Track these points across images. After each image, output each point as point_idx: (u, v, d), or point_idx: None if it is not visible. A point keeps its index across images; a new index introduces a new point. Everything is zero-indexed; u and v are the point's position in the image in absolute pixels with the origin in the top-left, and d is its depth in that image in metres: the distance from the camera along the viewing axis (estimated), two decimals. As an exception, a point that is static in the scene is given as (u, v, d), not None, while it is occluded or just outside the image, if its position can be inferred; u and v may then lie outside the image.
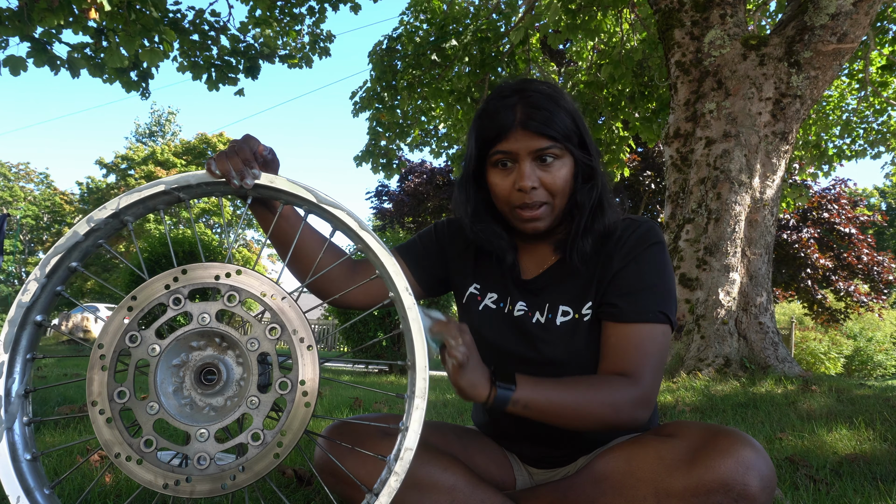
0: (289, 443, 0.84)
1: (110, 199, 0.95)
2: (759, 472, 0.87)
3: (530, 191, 1.04)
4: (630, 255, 1.06)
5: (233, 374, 0.89)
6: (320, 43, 7.89)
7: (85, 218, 0.94)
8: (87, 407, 0.86)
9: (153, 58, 5.32)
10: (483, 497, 1.01)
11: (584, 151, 1.08)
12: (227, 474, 0.84)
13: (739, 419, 2.77)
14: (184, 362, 0.90)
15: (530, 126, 1.02)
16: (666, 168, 4.79)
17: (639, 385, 0.99)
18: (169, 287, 0.89)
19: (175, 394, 0.88)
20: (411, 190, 18.03)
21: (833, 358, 11.43)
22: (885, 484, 1.68)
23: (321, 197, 0.94)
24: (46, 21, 4.71)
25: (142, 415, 0.86)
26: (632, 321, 1.03)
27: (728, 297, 4.15)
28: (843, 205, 14.55)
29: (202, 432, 0.85)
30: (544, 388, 0.94)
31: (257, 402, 0.86)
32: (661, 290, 1.05)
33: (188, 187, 0.95)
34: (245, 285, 0.90)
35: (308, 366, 0.87)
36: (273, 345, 0.89)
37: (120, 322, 0.88)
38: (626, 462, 0.96)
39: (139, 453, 0.84)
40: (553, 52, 11.67)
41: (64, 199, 28.68)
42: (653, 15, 5.54)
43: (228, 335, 0.89)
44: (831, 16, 4.15)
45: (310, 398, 0.86)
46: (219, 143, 25.59)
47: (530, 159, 1.04)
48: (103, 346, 0.87)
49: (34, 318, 0.93)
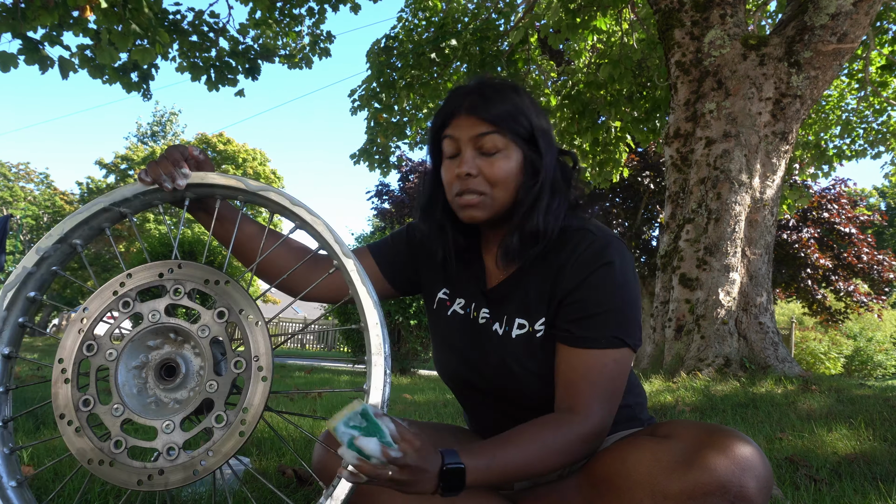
0: (251, 419, 0.86)
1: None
2: (756, 473, 0.86)
3: (466, 177, 1.02)
4: (582, 273, 1.01)
5: (192, 366, 0.91)
6: (320, 43, 7.89)
7: (33, 248, 0.97)
8: (56, 421, 0.88)
9: (145, 56, 5.32)
10: (480, 500, 1.00)
11: (533, 148, 1.05)
12: (197, 460, 0.85)
13: (739, 419, 2.76)
14: (144, 363, 0.92)
15: (473, 111, 1.02)
16: (666, 168, 4.79)
17: (587, 421, 0.96)
18: (117, 293, 0.92)
19: (140, 394, 0.90)
20: (412, 190, 18.01)
21: (833, 358, 11.43)
22: (885, 484, 1.68)
23: (251, 185, 0.97)
24: (41, 19, 4.70)
25: (108, 418, 0.87)
26: (580, 346, 1.00)
27: (728, 297, 4.15)
28: (843, 205, 14.54)
29: (168, 424, 0.86)
30: (495, 468, 0.90)
31: (216, 386, 0.87)
32: (615, 314, 1.00)
33: (126, 201, 0.98)
34: (188, 277, 0.92)
35: (260, 342, 0.88)
36: (223, 328, 0.90)
37: (76, 335, 0.91)
38: (623, 463, 0.96)
39: (110, 455, 0.86)
40: (553, 52, 11.66)
41: (64, 200, 28.68)
42: (653, 15, 5.54)
43: (179, 327, 0.91)
44: (831, 16, 4.15)
45: (265, 372, 0.87)
46: (218, 143, 25.57)
47: (472, 147, 1.03)
48: (63, 361, 0.90)
49: (1, 351, 0.96)
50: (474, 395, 1.17)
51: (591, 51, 8.74)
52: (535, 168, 1.05)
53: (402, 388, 4.87)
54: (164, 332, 0.92)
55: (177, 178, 0.95)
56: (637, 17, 7.49)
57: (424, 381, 5.73)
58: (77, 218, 0.97)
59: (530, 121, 1.04)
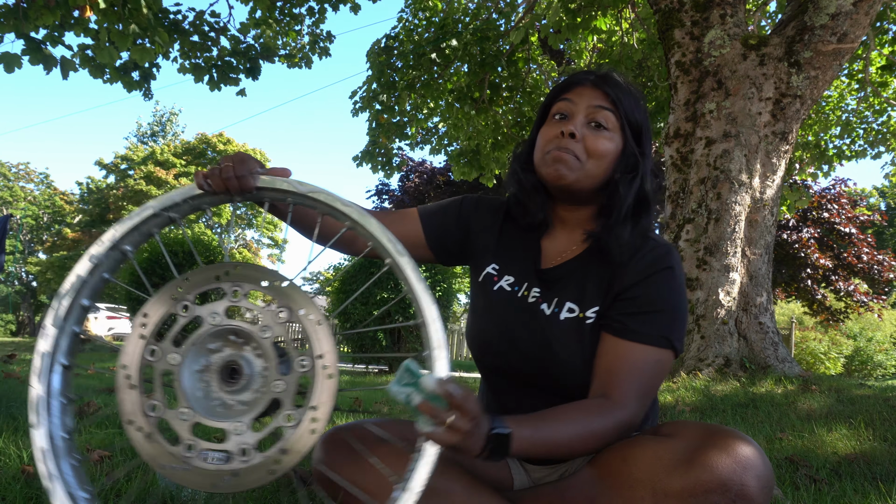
0: (323, 417, 0.85)
1: (105, 230, 0.98)
2: (756, 472, 0.87)
3: (569, 137, 1.05)
4: (644, 273, 1.05)
5: (255, 368, 0.90)
6: (320, 43, 7.89)
7: (85, 255, 0.96)
8: (124, 426, 0.88)
9: (144, 56, 5.32)
10: (480, 501, 1.00)
11: (638, 145, 1.10)
12: (270, 461, 0.85)
13: (739, 419, 2.77)
14: (206, 366, 0.91)
15: (600, 86, 1.08)
16: (666, 168, 4.79)
17: (623, 411, 0.98)
18: (175, 297, 0.92)
19: (206, 398, 0.90)
20: (412, 189, 18.03)
21: (833, 358, 11.42)
22: (885, 484, 1.68)
23: (300, 188, 0.97)
24: (43, 19, 4.71)
25: (176, 423, 0.87)
26: (630, 339, 1.02)
27: (728, 297, 4.16)
28: (843, 204, 14.55)
29: (237, 426, 0.86)
30: (538, 439, 0.92)
31: (283, 385, 0.87)
32: (667, 315, 1.04)
33: (176, 205, 0.98)
34: (245, 278, 0.92)
35: (323, 340, 0.88)
36: (284, 328, 0.90)
37: (137, 339, 0.90)
38: (624, 462, 0.96)
39: (183, 460, 0.86)
40: (553, 52, 11.66)
41: (64, 200, 28.68)
42: (653, 15, 5.54)
43: (240, 329, 0.91)
44: (831, 16, 4.15)
45: (331, 370, 0.87)
46: (218, 142, 25.56)
47: (585, 115, 1.07)
48: (127, 367, 0.89)
49: (60, 362, 0.95)
50: (504, 373, 1.17)
51: (591, 51, 8.75)
52: (629, 161, 1.09)
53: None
54: (224, 335, 0.92)
55: (248, 184, 0.95)
56: (637, 16, 7.49)
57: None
58: (128, 224, 0.96)
59: (641, 121, 1.10)
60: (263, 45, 6.90)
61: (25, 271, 30.07)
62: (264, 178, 0.97)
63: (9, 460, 1.66)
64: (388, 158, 8.66)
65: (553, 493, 1.03)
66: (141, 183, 23.84)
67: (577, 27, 6.98)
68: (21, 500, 1.33)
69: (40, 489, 1.42)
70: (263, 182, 0.97)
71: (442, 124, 8.97)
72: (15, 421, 2.21)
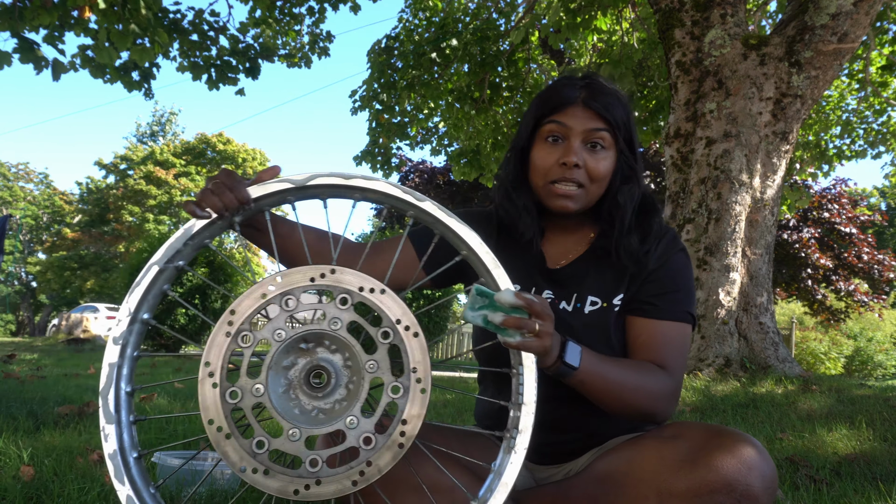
0: (410, 431, 0.84)
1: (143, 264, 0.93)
2: (761, 473, 0.87)
3: (573, 167, 1.07)
4: (663, 257, 1.13)
5: (336, 364, 0.89)
6: (320, 43, 7.89)
7: (110, 343, 0.92)
8: (204, 426, 0.85)
9: (144, 56, 5.31)
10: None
11: (630, 151, 1.13)
12: (355, 472, 0.83)
13: (740, 419, 2.76)
14: (289, 384, 0.90)
15: (592, 105, 1.08)
16: (666, 168, 4.79)
17: (673, 378, 1.05)
18: (265, 295, 0.88)
19: (302, 413, 0.88)
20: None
21: (833, 358, 11.41)
22: (885, 484, 1.68)
23: (296, 179, 0.94)
24: (40, 19, 4.70)
25: (288, 446, 0.85)
26: (667, 319, 1.09)
27: (728, 297, 4.15)
28: (844, 204, 14.54)
29: (350, 420, 0.85)
30: (602, 368, 0.97)
31: (375, 365, 0.86)
32: (686, 294, 1.12)
33: (178, 253, 0.94)
34: (340, 282, 0.88)
35: (416, 352, 0.86)
36: (351, 311, 0.87)
37: (223, 337, 0.87)
38: (628, 462, 0.96)
39: (265, 464, 0.84)
40: (554, 52, 11.66)
41: (63, 200, 28.66)
42: (653, 15, 5.54)
43: (309, 332, 0.88)
44: (832, 16, 4.15)
45: (424, 384, 0.85)
46: (218, 143, 25.56)
47: (581, 139, 1.09)
48: (210, 364, 0.86)
49: (131, 355, 0.94)
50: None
51: (591, 50, 8.75)
52: (626, 170, 1.12)
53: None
54: (293, 348, 0.90)
55: (243, 194, 0.92)
56: (637, 16, 7.49)
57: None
58: (139, 292, 0.93)
59: (630, 126, 1.12)
60: (263, 45, 6.90)
61: (25, 271, 30.08)
62: (255, 187, 0.94)
63: (9, 460, 1.65)
64: (387, 158, 8.67)
65: (557, 492, 1.03)
66: (141, 183, 23.83)
67: (577, 27, 6.98)
68: (21, 500, 1.33)
69: (40, 489, 1.42)
70: (257, 190, 0.94)
71: (442, 124, 8.97)
72: (15, 421, 2.21)
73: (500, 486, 0.82)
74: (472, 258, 0.92)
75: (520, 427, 0.85)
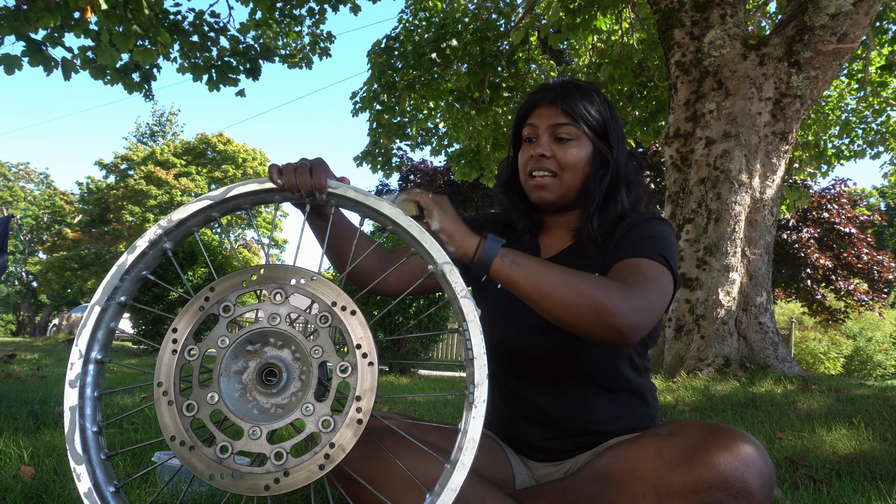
0: (366, 406, 0.85)
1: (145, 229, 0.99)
2: (758, 470, 0.87)
3: (540, 158, 1.15)
4: (630, 224, 1.14)
5: (293, 371, 0.91)
6: (320, 43, 7.89)
7: (146, 236, 0.96)
8: (168, 444, 0.87)
9: (146, 57, 5.31)
10: (484, 495, 1.01)
11: (605, 143, 1.17)
12: (320, 456, 0.85)
13: (739, 419, 2.77)
14: (243, 368, 0.92)
15: (556, 102, 1.16)
16: (666, 168, 4.79)
17: (635, 291, 0.95)
18: (203, 309, 0.93)
19: (261, 413, 0.90)
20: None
21: (833, 358, 11.41)
22: (885, 484, 1.68)
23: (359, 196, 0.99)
24: (44, 21, 4.70)
25: (251, 445, 0.87)
26: (630, 256, 1.05)
27: (728, 297, 4.16)
28: (843, 204, 14.54)
29: (306, 406, 0.87)
30: (533, 260, 0.94)
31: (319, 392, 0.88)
32: (662, 243, 1.07)
33: (241, 196, 0.99)
34: (272, 280, 0.92)
35: (358, 329, 0.88)
36: (330, 343, 0.90)
37: (170, 355, 0.90)
38: (626, 460, 0.96)
39: (230, 468, 0.86)
40: (553, 52, 11.67)
41: (64, 200, 28.65)
42: (653, 15, 5.54)
43: (294, 338, 0.91)
44: (831, 16, 4.15)
45: (370, 357, 0.87)
46: (218, 143, 25.55)
47: (549, 134, 1.16)
48: (162, 384, 0.89)
49: (92, 395, 0.97)
50: (518, 364, 1.19)
51: (591, 50, 8.75)
52: (603, 161, 1.17)
53: (402, 388, 4.88)
54: (243, 353, 0.92)
55: (317, 186, 0.97)
56: (637, 16, 7.49)
57: (424, 381, 5.73)
58: (85, 333, 0.97)
59: (604, 117, 1.17)
60: (263, 46, 6.90)
61: (25, 271, 30.07)
62: (178, 211, 0.98)
63: (9, 460, 1.66)
64: (388, 159, 8.67)
65: (555, 491, 1.03)
66: (141, 183, 23.82)
67: (577, 27, 6.98)
68: (21, 499, 1.33)
69: (41, 489, 1.42)
70: (180, 213, 0.98)
71: (442, 125, 8.97)
72: (15, 421, 2.21)
73: (468, 442, 0.83)
74: (399, 230, 0.94)
75: (475, 381, 0.85)
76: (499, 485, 1.14)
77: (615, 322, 0.90)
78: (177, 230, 0.99)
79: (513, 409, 1.21)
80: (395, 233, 0.96)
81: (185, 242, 8.23)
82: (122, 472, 1.61)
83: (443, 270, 0.89)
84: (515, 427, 1.21)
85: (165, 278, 7.71)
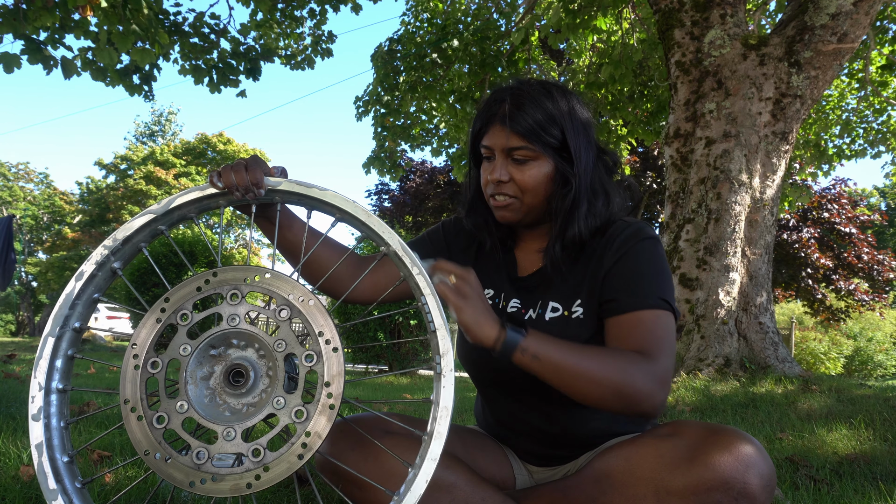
0: (336, 391, 0.85)
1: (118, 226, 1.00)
2: (759, 471, 0.87)
3: (498, 183, 1.09)
4: (620, 250, 1.07)
5: (260, 370, 0.91)
6: (322, 44, 7.89)
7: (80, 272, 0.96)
8: (143, 458, 0.88)
9: (144, 57, 5.31)
10: (484, 495, 1.01)
11: (565, 158, 1.08)
12: (297, 446, 0.85)
13: (739, 419, 2.77)
14: (209, 373, 0.92)
15: (508, 124, 1.06)
16: (666, 168, 4.79)
17: (653, 361, 0.95)
18: (160, 321, 0.92)
19: (234, 414, 0.90)
20: (412, 190, 17.98)
21: (833, 358, 11.41)
22: (885, 484, 1.68)
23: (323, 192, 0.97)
24: (42, 20, 4.70)
25: (224, 446, 0.87)
26: (633, 310, 1.02)
27: (728, 297, 4.15)
28: (844, 204, 14.54)
29: (277, 400, 0.87)
30: (557, 343, 0.93)
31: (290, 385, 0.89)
32: (658, 279, 1.04)
33: (190, 203, 0.99)
34: (227, 282, 0.93)
35: (318, 316, 0.89)
36: (288, 326, 0.90)
37: (132, 370, 0.91)
38: (626, 460, 0.96)
39: (209, 472, 0.86)
40: (554, 52, 11.66)
41: (64, 200, 28.66)
42: (653, 15, 5.54)
43: (256, 335, 0.91)
44: (831, 16, 4.15)
45: (334, 343, 0.88)
46: (218, 143, 25.56)
47: (504, 155, 1.08)
48: (129, 400, 0.90)
49: (57, 386, 0.96)
50: (499, 383, 1.17)
51: (591, 50, 8.75)
52: (565, 177, 1.08)
53: (402, 388, 4.87)
54: (228, 338, 0.93)
55: (253, 182, 0.96)
56: (637, 16, 7.49)
57: (425, 381, 5.73)
58: (42, 364, 0.96)
59: (562, 130, 1.07)
60: (264, 46, 6.90)
61: (25, 271, 30.07)
62: (273, 180, 0.98)
63: (9, 460, 1.66)
64: (394, 161, 8.69)
65: (555, 491, 1.03)
66: (141, 183, 23.82)
67: (577, 27, 6.98)
68: (21, 500, 1.33)
69: (40, 489, 1.42)
70: (127, 229, 0.98)
71: (443, 125, 8.98)
72: (14, 421, 2.21)
73: (442, 411, 0.84)
74: (347, 218, 0.94)
75: (441, 351, 0.86)
76: (499, 485, 1.14)
77: (641, 407, 0.93)
78: (123, 248, 0.99)
79: (506, 426, 1.21)
80: (343, 220, 0.96)
81: (184, 243, 8.22)
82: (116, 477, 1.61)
83: (395, 250, 0.91)
84: (510, 439, 1.21)
85: (166, 279, 7.72)
